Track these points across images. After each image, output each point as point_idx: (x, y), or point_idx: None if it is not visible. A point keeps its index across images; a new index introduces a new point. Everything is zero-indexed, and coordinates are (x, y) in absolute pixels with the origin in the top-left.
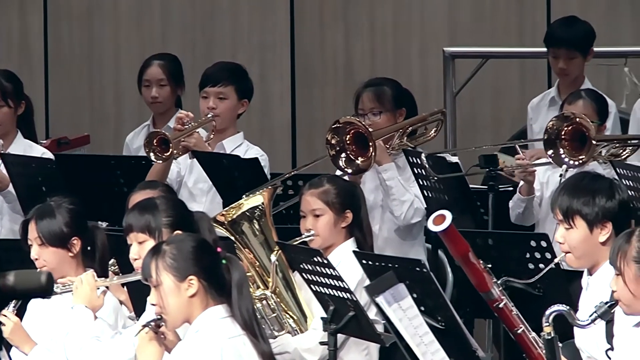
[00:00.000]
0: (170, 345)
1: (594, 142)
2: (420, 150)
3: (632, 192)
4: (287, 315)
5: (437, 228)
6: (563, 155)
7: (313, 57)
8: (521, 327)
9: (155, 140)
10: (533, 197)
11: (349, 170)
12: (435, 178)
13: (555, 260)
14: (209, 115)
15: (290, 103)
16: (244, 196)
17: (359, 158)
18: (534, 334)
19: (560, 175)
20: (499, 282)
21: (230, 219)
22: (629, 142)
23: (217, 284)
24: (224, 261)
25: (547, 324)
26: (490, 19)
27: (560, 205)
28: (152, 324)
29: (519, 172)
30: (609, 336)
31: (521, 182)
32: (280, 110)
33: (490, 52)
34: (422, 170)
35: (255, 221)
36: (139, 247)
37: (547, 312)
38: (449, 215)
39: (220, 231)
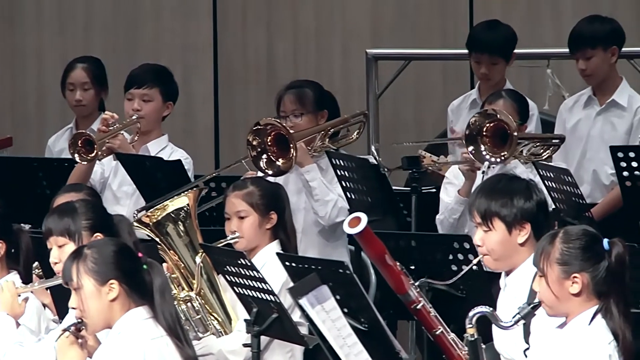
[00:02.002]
0: (90, 349)
1: (515, 137)
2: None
3: (555, 194)
4: (212, 317)
5: (353, 230)
6: (484, 152)
7: (236, 59)
8: (440, 328)
9: (80, 141)
10: None
11: (270, 172)
12: (357, 179)
13: (473, 262)
14: (133, 117)
15: (214, 105)
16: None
17: (280, 159)
18: (453, 335)
19: (483, 172)
20: (417, 283)
21: (155, 220)
22: (550, 141)
23: (138, 287)
24: (145, 267)
25: (471, 325)
26: (412, 21)
27: (478, 208)
28: (73, 328)
29: (464, 167)
30: (527, 335)
31: (447, 188)
32: (204, 112)
33: (412, 54)
34: (345, 172)
35: (180, 223)
36: (59, 250)
37: (471, 314)
38: (364, 218)
39: (145, 233)
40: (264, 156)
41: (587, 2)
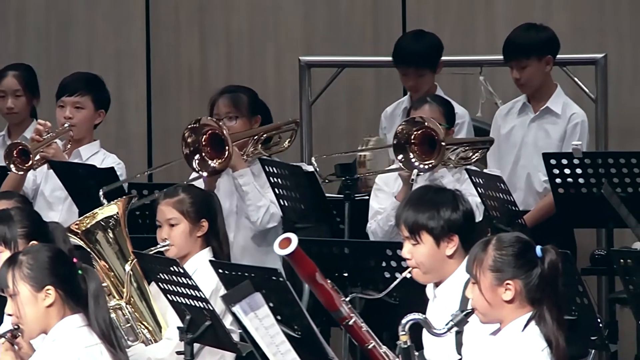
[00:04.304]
0: (25, 357)
1: (444, 145)
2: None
3: (488, 201)
4: (142, 326)
5: (283, 252)
6: (413, 160)
7: (168, 65)
8: (372, 343)
9: (15, 152)
10: None
11: (204, 173)
12: (290, 186)
13: (404, 274)
14: (65, 125)
15: (147, 111)
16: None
17: (215, 160)
18: (385, 348)
19: (412, 180)
20: (348, 298)
21: (84, 229)
22: (479, 144)
23: (73, 293)
24: (80, 272)
25: (404, 332)
26: (345, 28)
27: (405, 221)
28: (8, 334)
29: (403, 172)
30: (459, 346)
31: (377, 195)
32: (136, 118)
33: (345, 62)
34: (278, 179)
35: (109, 230)
36: None
37: (404, 321)
38: (294, 239)
39: (75, 240)
40: (197, 156)
41: (521, 10)
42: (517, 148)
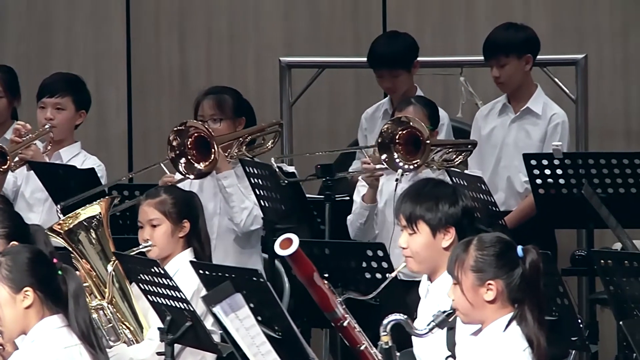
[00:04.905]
0: (6, 355)
1: (428, 143)
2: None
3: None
4: (124, 326)
5: (284, 252)
6: (397, 160)
7: (149, 66)
8: (364, 344)
9: None
10: (376, 205)
11: (191, 176)
12: (271, 187)
13: (394, 273)
14: (46, 127)
15: (127, 113)
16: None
17: (201, 163)
18: (375, 350)
19: (396, 180)
20: (341, 299)
21: (66, 229)
22: (462, 146)
23: (53, 295)
24: (59, 272)
25: (385, 333)
26: (326, 29)
27: (403, 211)
28: None
29: (365, 176)
30: (450, 344)
31: (360, 190)
32: (117, 120)
33: (325, 62)
34: (259, 180)
35: (92, 231)
36: None
37: (385, 322)
38: (295, 240)
39: (57, 241)
40: (183, 159)
41: (501, 10)
42: (498, 149)
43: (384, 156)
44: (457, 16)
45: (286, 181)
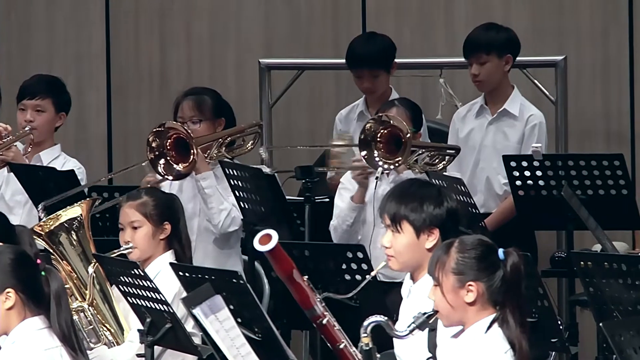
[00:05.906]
0: None
1: (409, 137)
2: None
3: None
4: (104, 328)
5: (263, 248)
6: (377, 158)
7: (129, 68)
8: (343, 342)
9: None
10: (364, 205)
11: (170, 177)
12: (250, 189)
13: (373, 272)
14: (26, 128)
15: (107, 114)
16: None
17: (180, 164)
18: (354, 348)
19: (376, 179)
20: (320, 297)
21: (47, 230)
22: (445, 151)
23: (35, 296)
24: (42, 273)
25: (365, 334)
26: (305, 31)
27: (388, 211)
28: None
29: (356, 174)
30: (432, 345)
31: (342, 194)
32: (97, 122)
33: (305, 64)
34: (239, 182)
35: (73, 232)
36: None
37: (365, 323)
38: (275, 235)
39: (38, 242)
40: (162, 160)
41: (481, 12)
42: (476, 151)
43: (363, 153)
44: (437, 17)
45: (268, 174)
